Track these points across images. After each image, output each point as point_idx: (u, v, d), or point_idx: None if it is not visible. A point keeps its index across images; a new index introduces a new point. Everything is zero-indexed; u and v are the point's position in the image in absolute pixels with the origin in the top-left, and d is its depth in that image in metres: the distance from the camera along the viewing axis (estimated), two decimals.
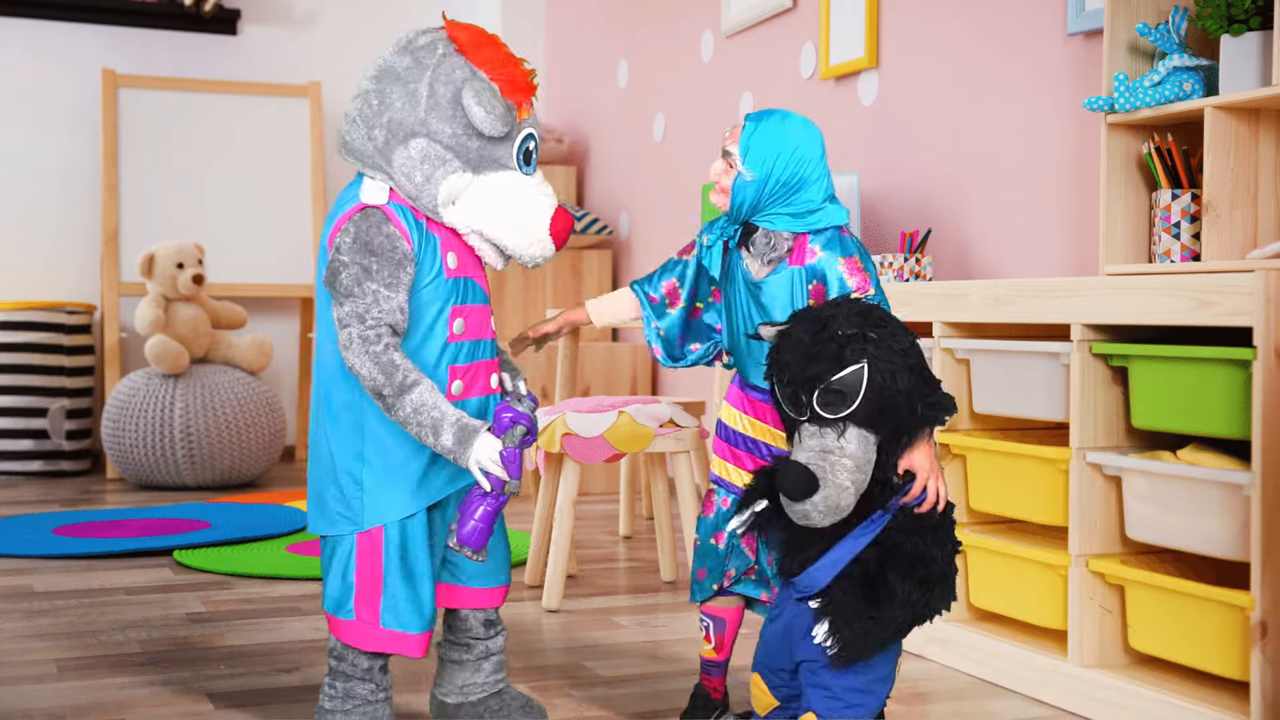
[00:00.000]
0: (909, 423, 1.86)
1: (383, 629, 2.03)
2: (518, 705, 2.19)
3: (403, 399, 1.90)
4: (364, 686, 2.08)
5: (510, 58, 1.99)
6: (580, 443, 3.03)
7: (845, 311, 1.86)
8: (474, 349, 2.04)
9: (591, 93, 5.91)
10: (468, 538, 1.89)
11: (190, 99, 5.82)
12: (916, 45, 3.81)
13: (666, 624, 2.98)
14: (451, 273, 2.00)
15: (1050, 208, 3.33)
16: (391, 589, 2.02)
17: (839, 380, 1.82)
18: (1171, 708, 2.18)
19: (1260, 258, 2.48)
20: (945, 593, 1.90)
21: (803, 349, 1.85)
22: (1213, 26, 2.60)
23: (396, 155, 1.95)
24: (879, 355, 1.82)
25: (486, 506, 1.89)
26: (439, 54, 1.96)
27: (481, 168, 1.97)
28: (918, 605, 1.87)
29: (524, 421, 1.89)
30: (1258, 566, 2.04)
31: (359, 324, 1.92)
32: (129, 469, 5.11)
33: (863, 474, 1.84)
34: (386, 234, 1.94)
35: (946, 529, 1.92)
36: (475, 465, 1.89)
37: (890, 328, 1.85)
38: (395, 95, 1.96)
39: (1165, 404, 2.24)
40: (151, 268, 5.26)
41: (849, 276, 2.00)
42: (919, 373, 1.85)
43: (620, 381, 5.18)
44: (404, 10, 6.35)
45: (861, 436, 1.84)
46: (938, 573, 1.89)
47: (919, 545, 1.88)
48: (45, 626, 2.92)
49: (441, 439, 1.89)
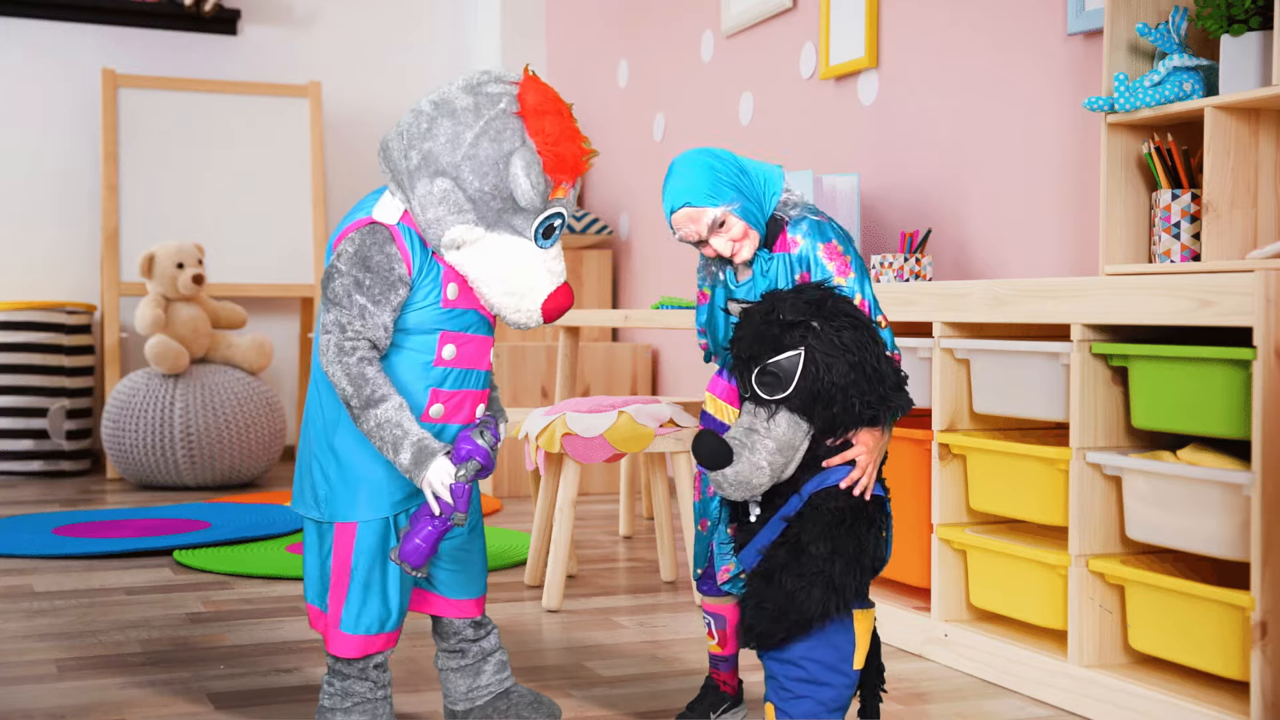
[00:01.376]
0: (846, 416, 1.89)
1: (341, 632, 2.06)
2: (526, 702, 2.20)
3: (368, 412, 1.93)
4: (360, 684, 2.09)
5: (570, 133, 1.96)
6: (580, 443, 3.03)
7: (798, 299, 1.91)
8: (463, 377, 2.05)
9: (591, 93, 5.91)
10: (408, 555, 1.93)
11: (190, 99, 5.82)
12: (916, 45, 3.81)
13: (666, 624, 2.98)
14: (450, 303, 2.01)
15: (1050, 208, 3.33)
16: (353, 593, 2.05)
17: (775, 363, 1.88)
18: (1171, 708, 2.18)
19: (1260, 258, 2.48)
20: (830, 587, 1.87)
21: (752, 328, 1.92)
22: (1213, 26, 2.60)
23: (420, 185, 1.96)
24: (817, 345, 1.87)
25: (431, 528, 1.93)
26: (500, 108, 1.95)
27: (496, 227, 1.97)
28: (798, 596, 1.87)
29: (480, 457, 1.91)
30: (1258, 566, 2.04)
31: (339, 333, 1.95)
32: (129, 469, 5.11)
33: (783, 457, 1.88)
34: (387, 253, 1.96)
35: (861, 523, 1.91)
36: (428, 487, 1.92)
37: (838, 321, 1.89)
38: (443, 129, 1.94)
39: (1165, 404, 2.24)
40: (151, 268, 5.26)
41: (828, 262, 2.01)
42: (861, 369, 1.88)
43: (620, 381, 5.18)
44: (404, 10, 6.35)
45: (792, 422, 1.88)
46: (816, 569, 1.87)
47: (810, 535, 1.88)
48: (45, 626, 2.92)
49: (400, 456, 1.92)
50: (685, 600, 3.23)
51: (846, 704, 1.96)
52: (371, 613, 2.05)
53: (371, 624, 2.06)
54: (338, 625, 2.06)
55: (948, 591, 2.70)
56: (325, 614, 2.08)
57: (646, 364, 5.24)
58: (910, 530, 2.82)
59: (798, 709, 1.93)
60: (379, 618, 2.06)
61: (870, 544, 1.91)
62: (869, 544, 1.91)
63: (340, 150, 6.19)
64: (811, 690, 1.93)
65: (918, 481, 2.79)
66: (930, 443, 2.71)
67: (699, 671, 2.58)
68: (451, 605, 2.16)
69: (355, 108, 6.24)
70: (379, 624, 2.06)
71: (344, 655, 2.06)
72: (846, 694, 1.95)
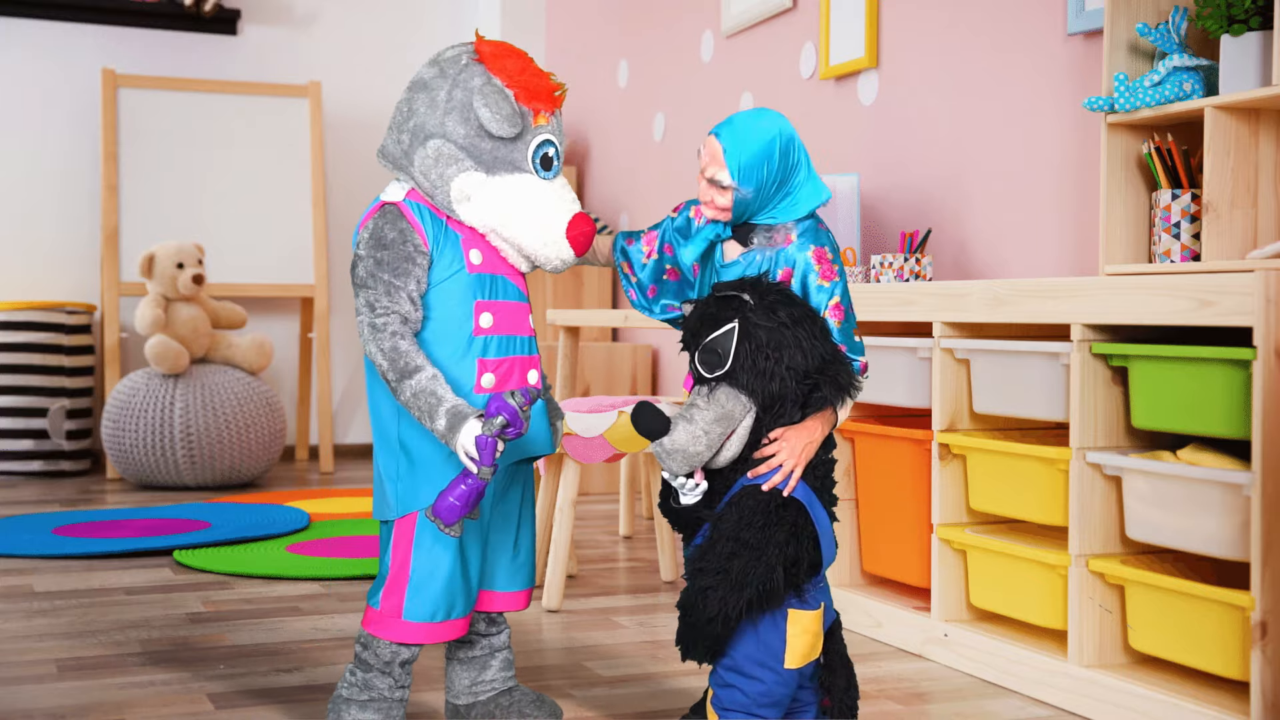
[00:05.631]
0: (786, 391, 1.90)
1: (403, 620, 2.05)
2: (529, 701, 2.21)
3: (404, 384, 1.97)
4: (382, 680, 2.10)
5: (531, 68, 2.06)
6: (580, 443, 3.03)
7: (736, 284, 1.95)
8: (506, 344, 2.08)
9: (591, 93, 5.91)
10: (441, 511, 1.95)
11: (190, 99, 5.82)
12: (916, 45, 3.81)
13: (667, 624, 2.98)
14: (475, 268, 2.06)
15: (1050, 208, 3.33)
16: (415, 578, 2.05)
17: (712, 340, 1.91)
18: (1171, 708, 2.18)
19: (1260, 258, 2.48)
20: (730, 585, 1.86)
21: (695, 315, 1.96)
22: (1213, 26, 2.60)
23: (416, 156, 2.04)
24: (751, 317, 1.89)
25: (464, 487, 1.95)
26: (461, 64, 2.05)
27: (495, 168, 2.04)
28: (707, 595, 1.87)
29: (506, 413, 1.93)
30: (1258, 566, 2.04)
31: (369, 313, 2.00)
32: (129, 469, 5.11)
33: (721, 427, 1.88)
34: (400, 229, 2.03)
35: (773, 524, 1.89)
36: (460, 448, 1.94)
37: (771, 297, 1.92)
38: (420, 102, 2.05)
39: (1165, 404, 2.24)
40: (151, 268, 5.26)
41: (816, 264, 2.03)
42: (797, 343, 1.89)
43: (620, 381, 5.18)
44: (404, 10, 6.35)
45: (731, 394, 1.89)
46: (717, 566, 1.86)
47: (717, 533, 1.89)
48: (45, 626, 2.92)
49: (436, 422, 1.95)
50: None
51: (781, 700, 1.96)
52: (436, 598, 2.05)
53: (435, 610, 2.05)
54: (399, 615, 2.05)
55: (948, 591, 2.70)
56: (377, 609, 2.07)
57: (646, 364, 5.24)
58: (910, 530, 2.83)
59: (728, 697, 1.96)
60: (444, 604, 2.05)
61: (778, 544, 1.88)
62: (776, 544, 1.88)
63: (340, 150, 6.19)
64: (739, 681, 1.95)
65: (918, 481, 2.79)
66: (930, 443, 2.71)
67: (699, 672, 2.58)
68: (500, 599, 2.18)
69: (355, 108, 6.24)
70: (443, 611, 2.06)
71: (408, 641, 2.06)
72: (779, 691, 1.95)
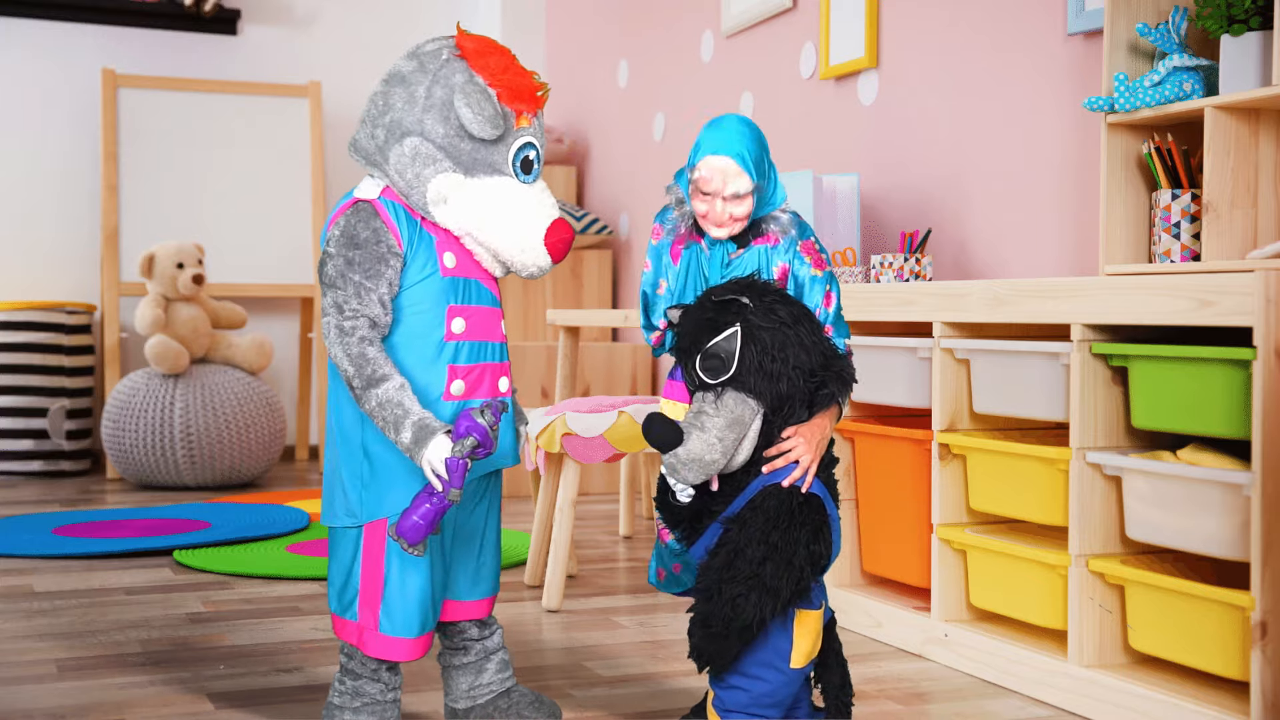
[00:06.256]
0: (794, 391, 1.88)
1: (381, 634, 2.03)
2: (527, 702, 2.20)
3: (369, 392, 1.92)
4: (372, 685, 2.09)
5: (514, 66, 2.00)
6: (580, 443, 3.03)
7: (730, 286, 1.92)
8: (478, 350, 2.04)
9: (591, 93, 5.91)
10: (405, 531, 1.90)
11: (190, 99, 5.82)
12: (916, 45, 3.81)
13: (666, 624, 2.98)
14: (449, 272, 2.01)
15: (1050, 208, 3.33)
16: (390, 592, 2.02)
17: (714, 345, 1.87)
18: (1171, 708, 2.18)
19: (1260, 258, 2.48)
20: (764, 591, 1.85)
21: (690, 321, 1.92)
22: (1213, 26, 2.60)
23: (392, 153, 1.98)
24: (753, 319, 1.87)
25: (429, 506, 1.91)
26: (442, 59, 1.99)
27: (474, 170, 1.99)
28: (738, 603, 1.85)
29: (476, 434, 1.89)
30: (1258, 566, 2.04)
31: (337, 314, 1.95)
32: (129, 469, 5.11)
33: (734, 433, 1.86)
34: (373, 228, 1.97)
35: (796, 524, 1.88)
36: (427, 465, 1.90)
37: (769, 296, 1.90)
38: (397, 96, 1.99)
39: (1165, 404, 2.24)
40: (151, 268, 5.26)
41: (805, 255, 2.04)
42: (799, 341, 1.88)
43: (620, 381, 5.18)
44: (404, 10, 6.35)
45: (739, 398, 1.87)
46: (750, 572, 1.85)
47: (745, 539, 1.87)
48: (45, 626, 2.92)
49: (401, 435, 1.90)
50: (685, 600, 3.23)
51: (784, 700, 1.96)
52: (411, 612, 2.02)
53: (411, 625, 2.02)
54: (375, 629, 2.02)
55: (948, 591, 2.70)
56: (354, 621, 2.04)
57: (646, 364, 5.24)
58: (910, 530, 2.83)
59: (730, 698, 1.95)
60: (417, 617, 2.03)
61: (804, 544, 1.88)
62: (803, 544, 1.87)
63: (340, 150, 6.18)
64: (744, 683, 1.94)
65: (918, 481, 2.79)
66: (930, 443, 2.71)
67: (698, 672, 2.57)
68: (463, 607, 2.15)
69: (355, 108, 6.23)
70: (419, 625, 2.03)
71: (389, 658, 2.03)
72: (784, 691, 1.95)
